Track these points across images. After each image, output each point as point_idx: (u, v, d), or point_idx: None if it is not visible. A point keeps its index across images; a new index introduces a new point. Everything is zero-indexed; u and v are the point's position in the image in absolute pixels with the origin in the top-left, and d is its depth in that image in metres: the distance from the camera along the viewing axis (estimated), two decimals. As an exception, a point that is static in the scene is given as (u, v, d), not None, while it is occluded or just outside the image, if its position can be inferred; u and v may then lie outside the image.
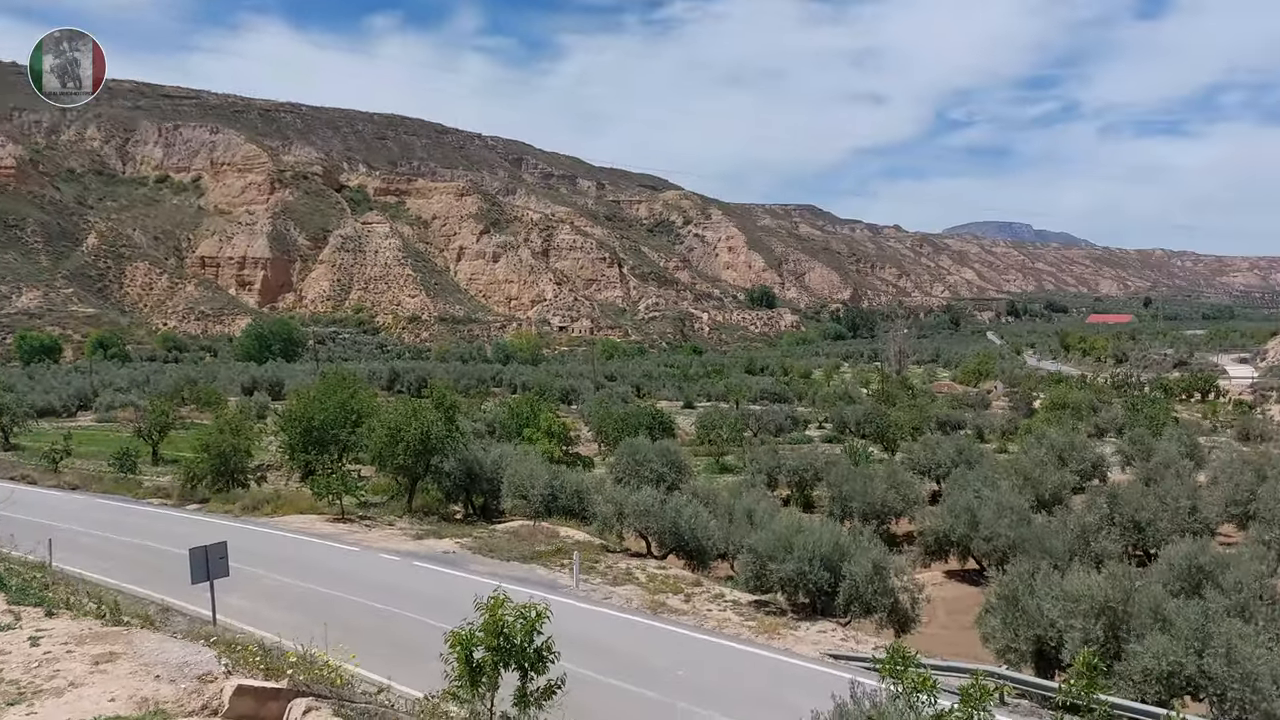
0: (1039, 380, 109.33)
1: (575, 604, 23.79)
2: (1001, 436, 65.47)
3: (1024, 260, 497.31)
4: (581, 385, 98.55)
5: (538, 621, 12.55)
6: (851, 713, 10.60)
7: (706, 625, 23.02)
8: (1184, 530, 29.78)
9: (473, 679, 12.43)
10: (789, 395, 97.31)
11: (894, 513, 36.40)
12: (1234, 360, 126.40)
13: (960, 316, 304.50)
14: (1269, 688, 16.00)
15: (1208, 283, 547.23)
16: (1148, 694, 16.47)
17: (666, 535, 29.32)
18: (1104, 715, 8.58)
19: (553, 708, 12.69)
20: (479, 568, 27.47)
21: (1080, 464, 45.36)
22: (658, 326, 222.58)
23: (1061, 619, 18.61)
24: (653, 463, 37.88)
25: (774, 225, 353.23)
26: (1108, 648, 17.83)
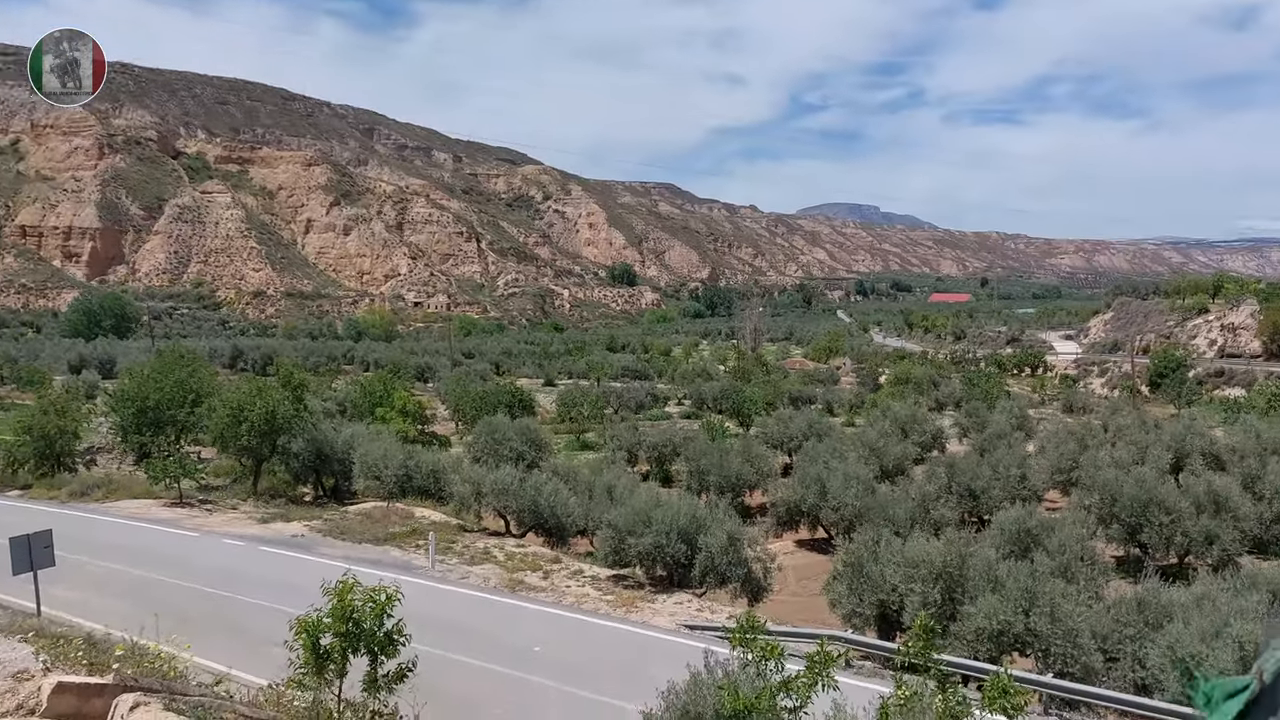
0: (884, 357, 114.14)
1: (431, 585, 23.42)
2: (849, 410, 68.02)
3: (872, 241, 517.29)
4: (438, 363, 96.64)
5: (388, 605, 12.24)
6: (705, 682, 10.77)
7: (565, 601, 23.04)
8: (1014, 497, 31.66)
9: (319, 666, 12.05)
10: (649, 372, 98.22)
11: (748, 485, 37.30)
12: (1060, 337, 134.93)
13: (812, 295, 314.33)
14: (1088, 642, 17.22)
15: (1038, 264, 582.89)
16: (980, 652, 17.45)
17: (525, 513, 29.15)
18: (939, 674, 8.97)
19: (405, 691, 12.43)
20: (330, 551, 26.61)
21: (921, 436, 47.65)
22: (517, 303, 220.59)
23: (903, 584, 19.49)
24: (512, 441, 37.55)
25: (634, 203, 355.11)
26: (945, 609, 18.79)
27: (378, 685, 12.09)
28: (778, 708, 8.62)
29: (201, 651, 16.38)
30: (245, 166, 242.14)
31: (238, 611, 20.43)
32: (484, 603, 22.52)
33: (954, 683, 13.13)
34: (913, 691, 8.44)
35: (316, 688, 12.35)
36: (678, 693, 11.10)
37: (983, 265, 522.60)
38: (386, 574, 21.40)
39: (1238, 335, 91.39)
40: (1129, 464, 34.20)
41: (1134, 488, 29.09)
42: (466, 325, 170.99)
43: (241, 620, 19.74)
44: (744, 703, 8.12)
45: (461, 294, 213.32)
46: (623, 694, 15.46)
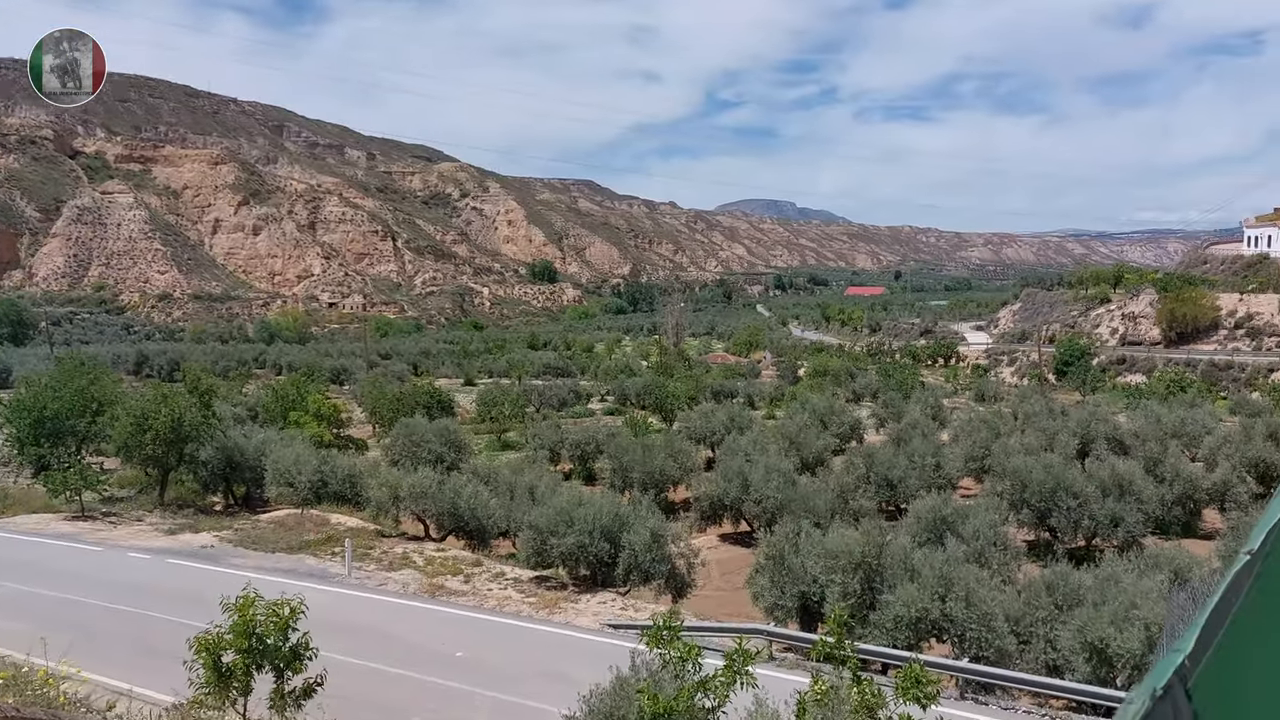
0: (803, 350, 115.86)
1: (349, 593, 22.92)
2: (770, 403, 68.75)
3: (789, 236, 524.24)
4: (353, 364, 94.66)
5: (292, 618, 11.88)
6: (630, 682, 10.67)
7: (487, 605, 22.76)
8: (930, 485, 32.33)
9: (221, 684, 11.63)
10: (571, 370, 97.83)
11: (672, 481, 37.35)
12: (971, 328, 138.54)
13: (732, 290, 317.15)
14: (1001, 625, 17.63)
15: (949, 257, 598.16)
16: (899, 640, 17.73)
17: (445, 517, 28.66)
18: (855, 665, 9.02)
19: (316, 705, 12.07)
20: (241, 561, 25.79)
21: (840, 427, 48.41)
22: (435, 302, 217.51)
23: (823, 575, 19.68)
24: (430, 443, 36.94)
25: (554, 199, 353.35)
26: (865, 599, 19.05)
27: (284, 702, 11.72)
28: (696, 708, 8.55)
29: (104, 671, 15.70)
30: (148, 166, 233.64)
31: (143, 628, 19.65)
32: (404, 609, 22.10)
33: (874, 672, 13.28)
34: (829, 684, 8.45)
35: (220, 707, 11.94)
36: (600, 696, 10.99)
37: (896, 259, 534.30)
38: (301, 583, 20.87)
39: (1138, 323, 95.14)
40: (1038, 450, 35.24)
41: (1043, 473, 29.95)
42: (383, 326, 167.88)
43: (147, 637, 18.99)
44: (664, 705, 8.03)
45: (378, 294, 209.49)
46: (546, 697, 15.29)
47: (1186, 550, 22.24)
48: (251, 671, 11.35)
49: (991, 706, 16.61)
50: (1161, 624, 14.79)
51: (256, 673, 11.46)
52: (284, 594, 12.20)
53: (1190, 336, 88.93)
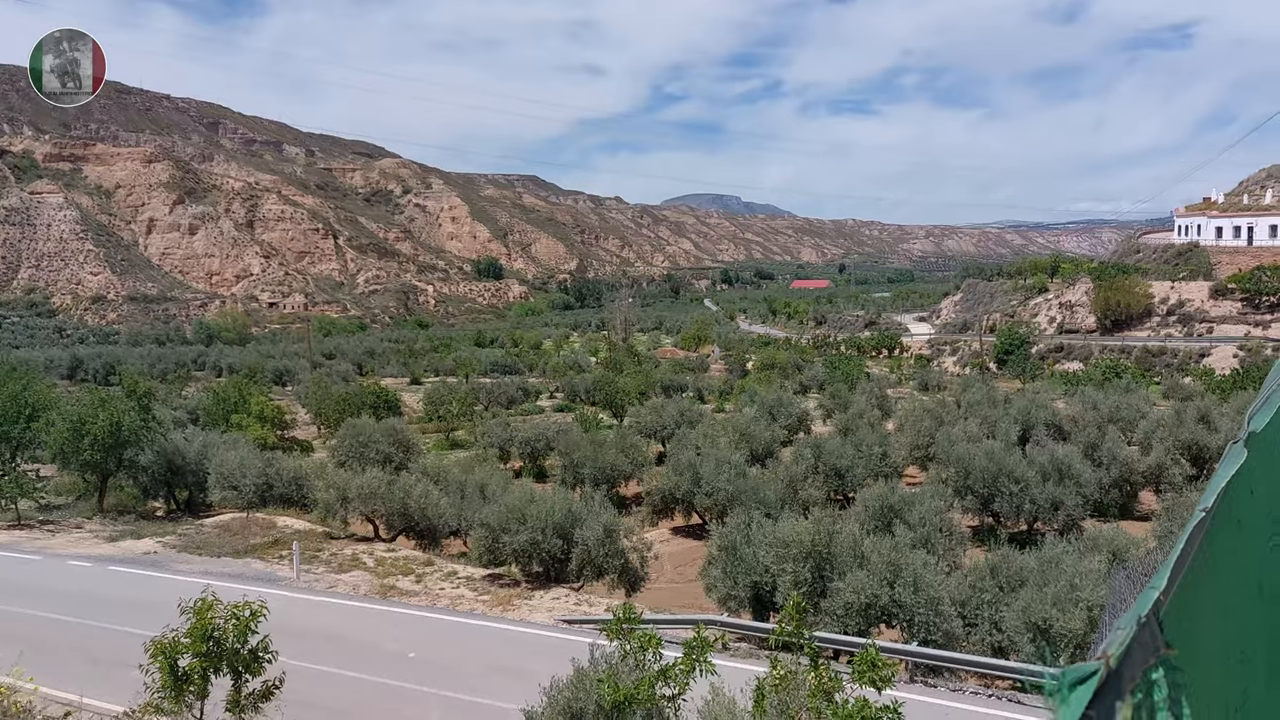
0: (751, 343, 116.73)
1: (298, 596, 22.64)
2: (719, 397, 69.20)
3: (735, 231, 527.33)
4: (296, 365, 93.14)
5: (252, 621, 11.75)
6: (589, 675, 10.72)
7: (440, 604, 22.64)
8: (877, 474, 32.83)
9: (177, 689, 11.46)
10: (519, 367, 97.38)
11: (623, 475, 37.44)
12: (914, 319, 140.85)
13: (680, 285, 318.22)
14: (948, 609, 18.01)
15: (892, 249, 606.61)
16: (850, 626, 18.01)
17: (395, 517, 28.41)
18: (812, 651, 9.17)
19: (273, 709, 11.95)
20: (186, 567, 25.32)
21: (788, 419, 48.92)
22: (379, 300, 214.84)
23: (775, 564, 19.90)
24: (378, 443, 36.56)
25: (498, 196, 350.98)
26: (816, 587, 19.31)
27: (242, 705, 11.59)
28: (656, 696, 8.63)
29: (51, 682, 15.32)
30: (79, 164, 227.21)
31: (88, 637, 19.23)
32: (355, 611, 21.89)
33: (827, 658, 13.49)
34: (787, 670, 8.58)
35: (176, 712, 11.78)
36: (560, 688, 11.02)
37: (841, 252, 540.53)
38: (249, 588, 20.55)
39: (1075, 312, 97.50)
40: (980, 438, 35.95)
41: (985, 460, 30.60)
42: (326, 325, 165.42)
43: (93, 646, 18.61)
44: (624, 694, 8.09)
45: (319, 293, 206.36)
46: (503, 694, 15.27)
47: (1124, 531, 22.90)
48: (209, 675, 11.20)
49: (940, 688, 16.97)
50: (1102, 603, 15.25)
51: (214, 676, 11.32)
52: (245, 597, 12.07)
53: (1125, 324, 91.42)
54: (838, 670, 9.14)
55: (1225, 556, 2.03)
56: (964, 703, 16.29)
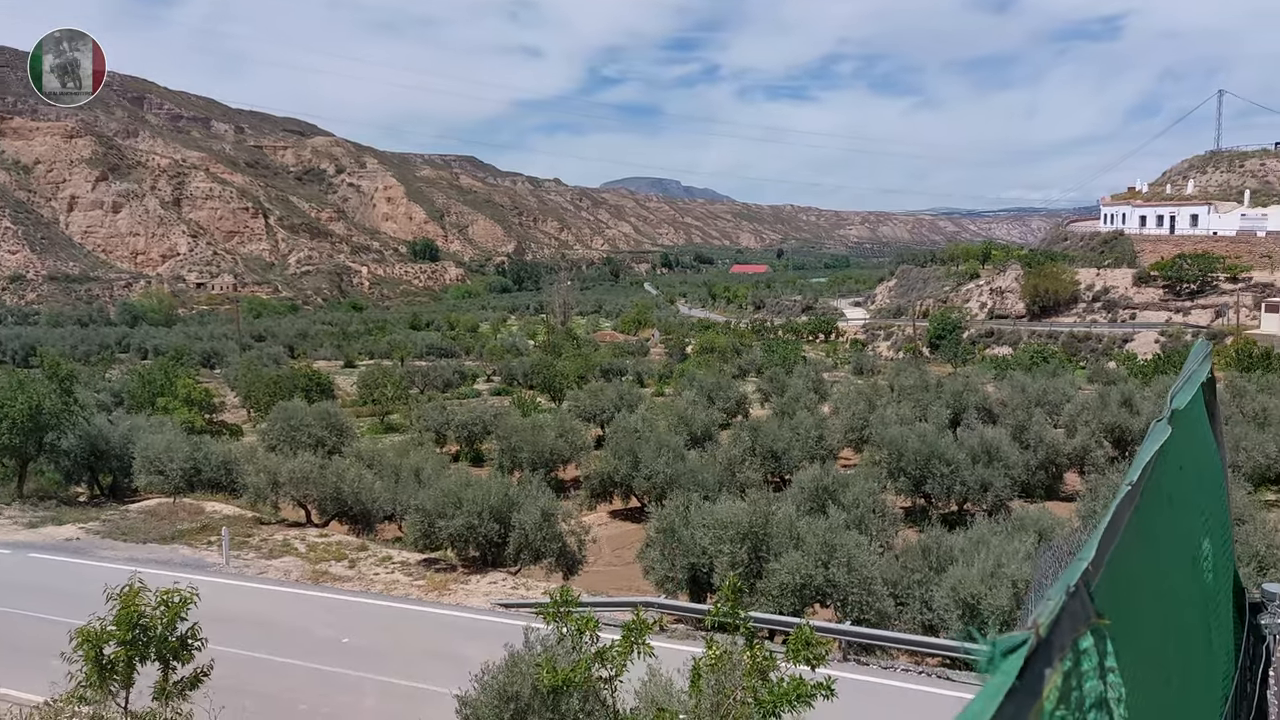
0: (690, 327, 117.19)
1: (227, 582, 22.19)
2: (659, 380, 69.37)
3: (675, 215, 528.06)
4: (225, 347, 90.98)
5: (181, 608, 11.47)
6: (524, 658, 10.66)
7: (374, 589, 22.37)
8: (812, 456, 33.25)
9: (102, 678, 11.14)
10: (456, 350, 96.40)
11: (562, 459, 37.32)
12: (850, 304, 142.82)
13: (619, 268, 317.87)
14: (880, 589, 18.33)
15: (828, 235, 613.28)
16: (785, 606, 18.23)
17: (327, 502, 27.95)
18: (747, 631, 9.24)
19: (202, 697, 11.68)
20: (110, 554, 24.62)
21: (727, 402, 49.28)
22: (312, 281, 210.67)
23: (712, 546, 20.05)
24: (310, 427, 35.93)
25: (434, 176, 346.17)
26: (752, 568, 19.49)
27: (169, 693, 11.31)
28: (593, 678, 8.62)
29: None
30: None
31: (7, 625, 18.63)
32: (286, 596, 21.52)
33: (762, 638, 13.62)
34: (723, 650, 8.63)
35: (100, 701, 11.46)
36: (494, 673, 10.94)
37: (779, 237, 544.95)
38: (177, 574, 20.05)
39: (1005, 298, 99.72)
40: (913, 421, 36.60)
41: (918, 442, 31.16)
42: (256, 306, 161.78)
43: (12, 635, 18.02)
44: (561, 677, 8.05)
45: (249, 273, 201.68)
46: (437, 678, 15.14)
47: (1050, 512, 23.53)
48: (135, 663, 10.91)
49: (873, 666, 17.27)
50: (1028, 580, 15.65)
51: (141, 664, 11.03)
52: (174, 584, 11.78)
53: (1052, 309, 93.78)
54: (773, 650, 9.22)
55: (1157, 530, 2.07)
56: (895, 680, 16.60)
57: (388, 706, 15.40)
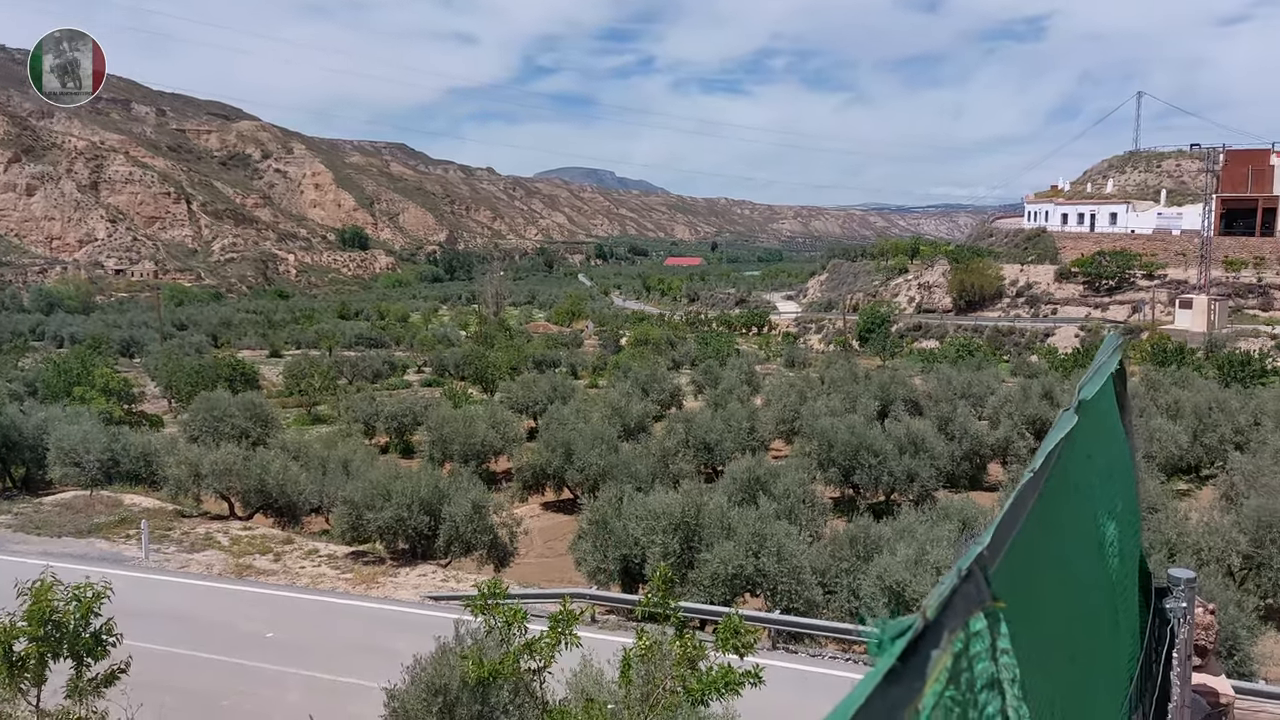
0: (625, 319, 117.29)
1: (147, 576, 21.59)
2: (593, 372, 69.25)
3: (610, 206, 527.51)
4: (145, 336, 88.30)
5: (95, 602, 11.11)
6: (453, 650, 10.56)
7: (300, 583, 21.96)
8: (745, 448, 33.55)
9: (12, 676, 10.77)
10: (386, 340, 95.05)
11: (494, 451, 37.03)
12: (783, 297, 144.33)
13: (553, 259, 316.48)
14: (809, 578, 18.58)
15: (762, 229, 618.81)
16: (716, 596, 18.37)
17: (252, 494, 27.35)
18: (677, 621, 9.29)
19: (118, 694, 11.35)
20: (24, 547, 23.73)
21: (661, 394, 49.45)
22: (236, 269, 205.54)
23: (644, 537, 20.11)
24: (234, 417, 35.15)
25: (364, 163, 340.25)
26: (684, 558, 19.60)
27: (82, 691, 10.96)
28: (522, 670, 8.57)
29: None
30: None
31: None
32: (208, 591, 21.01)
33: (693, 628, 13.70)
34: (653, 640, 8.66)
35: (9, 699, 11.10)
36: (423, 665, 10.82)
37: (713, 230, 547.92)
38: (93, 568, 19.41)
39: (932, 292, 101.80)
40: (842, 412, 37.18)
41: (847, 434, 31.66)
42: (178, 294, 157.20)
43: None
44: (489, 669, 7.98)
45: (171, 260, 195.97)
46: (364, 672, 14.91)
47: (974, 501, 24.13)
48: (46, 660, 10.56)
49: (801, 654, 17.51)
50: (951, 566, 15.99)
51: (53, 661, 10.68)
52: (89, 578, 11.41)
53: (978, 304, 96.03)
54: (703, 639, 9.28)
55: (1061, 516, 2.11)
56: (822, 667, 16.86)
57: (313, 700, 15.12)
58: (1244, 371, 50.58)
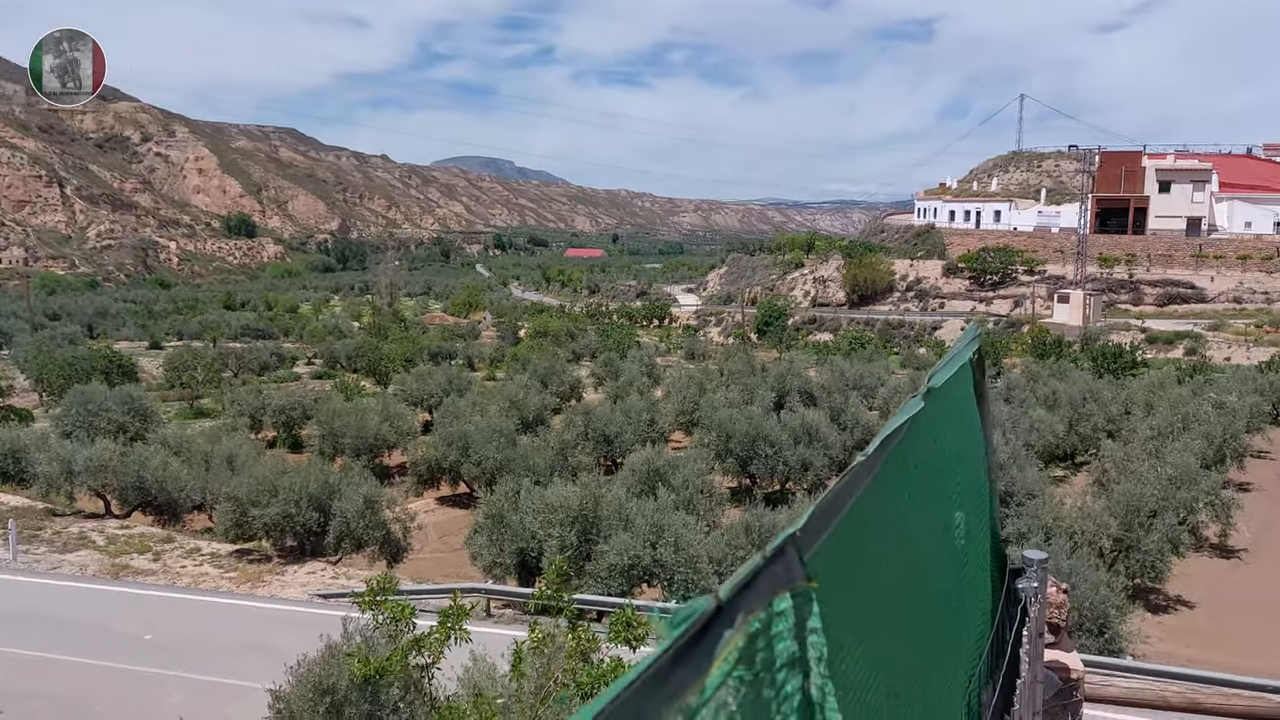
0: (524, 311, 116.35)
1: (15, 579, 20.47)
2: (491, 364, 68.49)
3: (509, 196, 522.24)
4: (14, 326, 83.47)
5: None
6: (341, 648, 10.24)
7: (181, 583, 21.10)
8: (644, 439, 33.67)
9: None
10: (274, 331, 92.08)
11: (387, 445, 36.27)
12: (683, 290, 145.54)
13: (451, 249, 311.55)
14: (706, 567, 18.73)
15: (662, 222, 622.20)
16: (612, 587, 18.35)
17: (130, 491, 26.13)
18: (571, 613, 9.20)
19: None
20: (-128, 553, 22.14)
21: (560, 387, 49.20)
22: (114, 257, 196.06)
23: (541, 530, 19.95)
24: (111, 412, 33.56)
25: (251, 148, 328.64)
26: (581, 550, 19.53)
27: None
28: (410, 667, 8.34)
29: None
30: None
31: None
32: (82, 592, 19.99)
33: (589, 620, 13.64)
34: (546, 633, 8.54)
35: None
36: (309, 665, 10.46)
37: (614, 222, 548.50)
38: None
39: (827, 286, 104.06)
40: (740, 404, 37.69)
41: (744, 425, 32.10)
42: (50, 283, 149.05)
43: None
44: (375, 666, 7.74)
45: (42, 247, 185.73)
46: (249, 673, 14.37)
47: (864, 489, 24.68)
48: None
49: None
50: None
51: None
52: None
53: (870, 298, 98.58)
54: (597, 631, 9.21)
55: (902, 499, 2.10)
56: (719, 655, 17.00)
57: (194, 703, 14.51)
58: (1116, 363, 53.28)
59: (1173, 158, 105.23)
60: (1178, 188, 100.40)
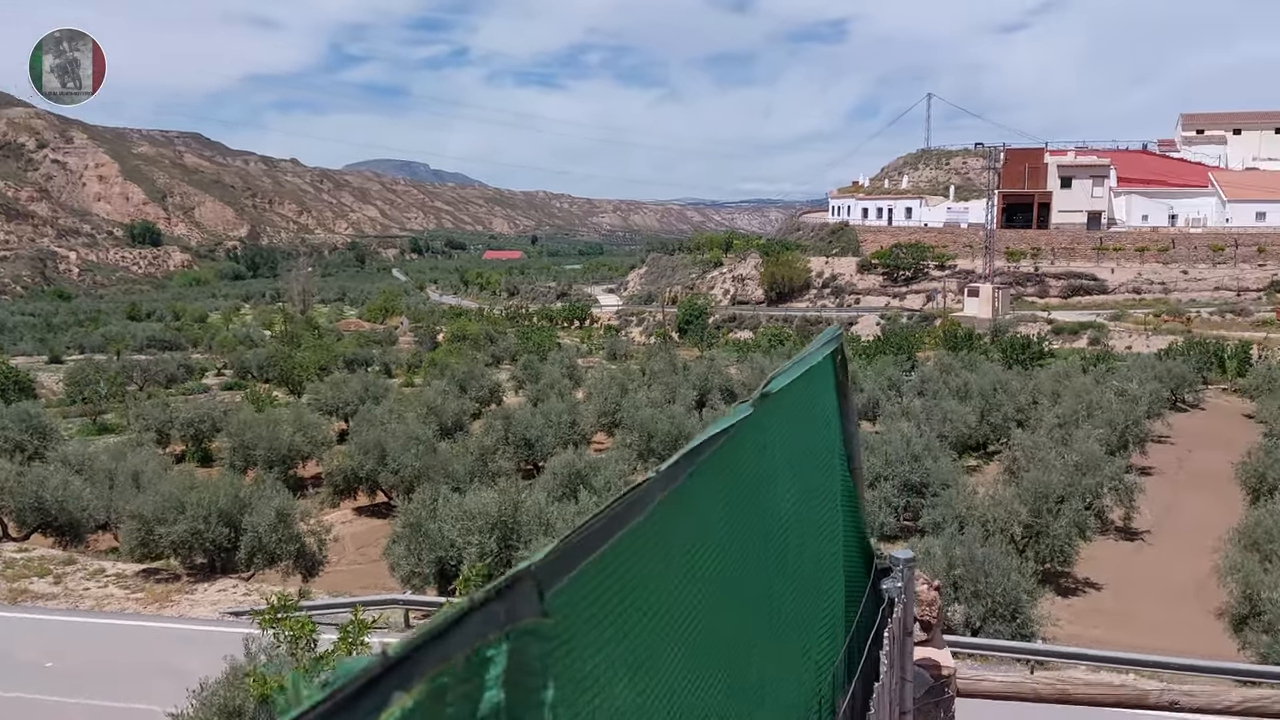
0: (442, 314, 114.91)
1: (-102, 611, 19.30)
2: (408, 370, 67.44)
3: (424, 199, 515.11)
4: (-98, 342, 79.46)
5: None
6: (246, 669, 9.90)
7: (84, 605, 20.25)
8: (566, 442, 33.49)
9: None
10: (182, 342, 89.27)
11: (301, 456, 35.34)
12: (604, 290, 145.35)
13: (365, 254, 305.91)
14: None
15: (581, 222, 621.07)
16: (536, 592, 18.17)
17: (28, 512, 24.97)
18: None
19: None
20: None
21: (479, 391, 48.65)
22: (9, 268, 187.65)
23: (460, 538, 19.66)
24: (7, 430, 32.17)
25: (154, 154, 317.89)
26: (501, 557, 19.29)
27: None
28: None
29: None
30: None
31: None
32: (-26, 622, 18.99)
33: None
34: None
35: None
36: (213, 688, 10.09)
37: (532, 223, 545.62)
38: None
39: (745, 285, 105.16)
40: (663, 403, 37.77)
41: (667, 424, 32.19)
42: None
43: None
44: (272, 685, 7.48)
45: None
46: (154, 697, 13.81)
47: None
48: None
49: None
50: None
51: None
52: None
53: (788, 295, 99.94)
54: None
55: (716, 511, 1.99)
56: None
57: (96, 735, 13.94)
58: (1024, 354, 55.01)
59: (1073, 154, 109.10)
60: (1078, 183, 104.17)
